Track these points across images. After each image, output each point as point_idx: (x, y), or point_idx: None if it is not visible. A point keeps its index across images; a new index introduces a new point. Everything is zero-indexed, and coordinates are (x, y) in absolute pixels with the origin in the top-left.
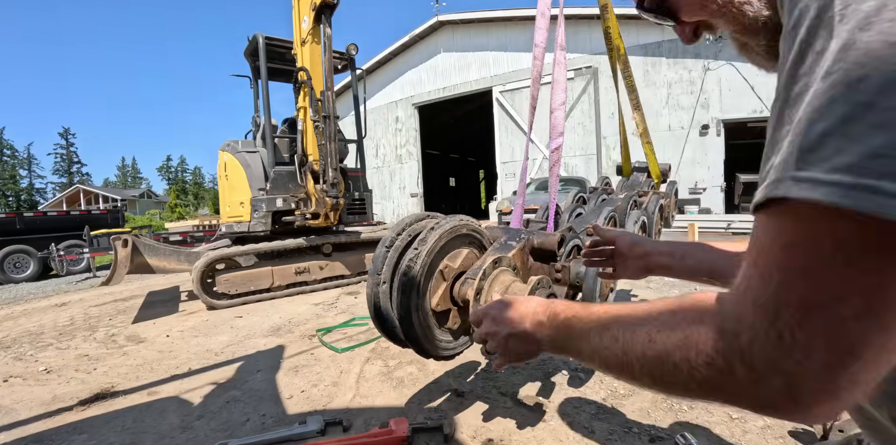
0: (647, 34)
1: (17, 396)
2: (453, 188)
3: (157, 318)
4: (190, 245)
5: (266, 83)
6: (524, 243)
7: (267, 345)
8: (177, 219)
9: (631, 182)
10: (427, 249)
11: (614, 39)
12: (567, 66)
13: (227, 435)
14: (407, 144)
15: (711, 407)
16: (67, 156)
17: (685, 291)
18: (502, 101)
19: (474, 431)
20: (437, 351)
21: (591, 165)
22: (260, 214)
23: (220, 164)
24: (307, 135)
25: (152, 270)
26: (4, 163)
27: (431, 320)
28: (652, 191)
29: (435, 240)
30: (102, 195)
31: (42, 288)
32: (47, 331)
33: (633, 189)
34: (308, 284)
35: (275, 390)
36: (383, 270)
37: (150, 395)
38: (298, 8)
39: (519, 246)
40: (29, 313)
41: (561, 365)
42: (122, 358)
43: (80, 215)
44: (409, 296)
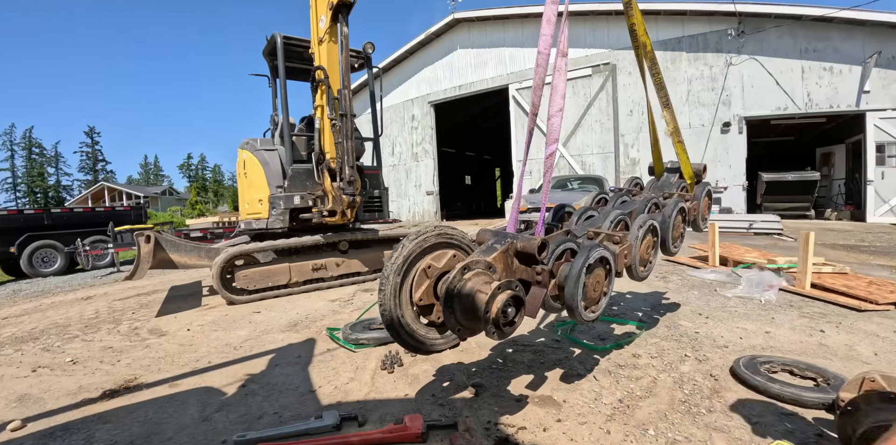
0: (667, 30)
1: (44, 386)
2: (469, 186)
3: (178, 312)
4: (210, 241)
5: (284, 82)
6: (508, 246)
7: (284, 340)
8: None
9: (661, 183)
10: (405, 253)
11: (640, 36)
12: (567, 72)
13: (245, 428)
14: (423, 142)
15: (730, 410)
16: (93, 154)
17: (704, 292)
18: (518, 99)
19: (487, 429)
20: (422, 346)
21: (609, 163)
22: (278, 211)
23: (239, 162)
24: (324, 133)
25: (174, 265)
26: (33, 160)
27: (409, 311)
28: (678, 192)
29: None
30: (126, 192)
31: (68, 282)
32: (73, 324)
33: (663, 190)
34: (325, 281)
35: (292, 384)
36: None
37: (171, 387)
38: (316, 7)
39: (502, 249)
40: (56, 306)
41: (576, 365)
42: (144, 350)
43: (105, 212)
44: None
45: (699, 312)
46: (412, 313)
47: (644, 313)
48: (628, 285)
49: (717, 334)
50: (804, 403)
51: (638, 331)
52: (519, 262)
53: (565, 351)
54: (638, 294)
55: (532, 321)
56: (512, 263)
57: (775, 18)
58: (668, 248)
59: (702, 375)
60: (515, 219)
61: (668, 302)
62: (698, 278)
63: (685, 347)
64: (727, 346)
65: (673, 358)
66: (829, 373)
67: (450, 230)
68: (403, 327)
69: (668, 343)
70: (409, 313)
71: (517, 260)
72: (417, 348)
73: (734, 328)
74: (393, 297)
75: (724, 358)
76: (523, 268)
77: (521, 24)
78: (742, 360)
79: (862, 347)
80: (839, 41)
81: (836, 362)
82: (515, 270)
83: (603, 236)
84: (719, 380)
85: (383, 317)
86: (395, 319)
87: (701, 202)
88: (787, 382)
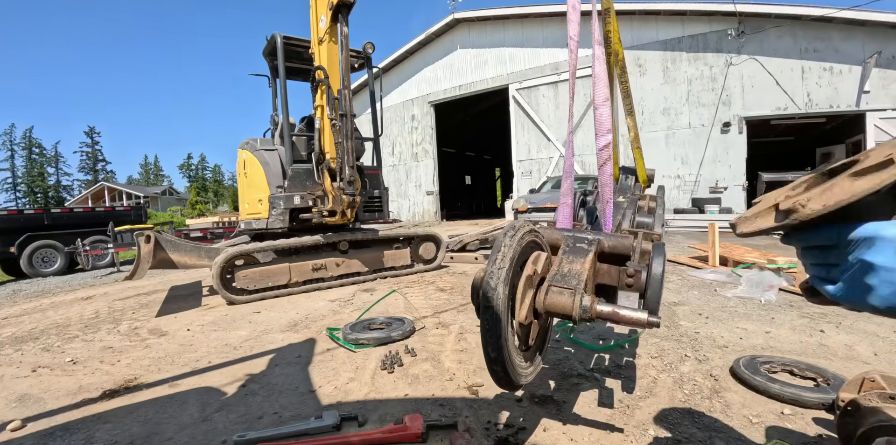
0: (667, 30)
1: (44, 386)
2: (469, 186)
3: (178, 312)
4: (210, 241)
5: (284, 82)
6: (596, 246)
7: (284, 340)
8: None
9: (621, 185)
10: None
11: (614, 44)
12: (605, 61)
13: (245, 428)
14: (423, 142)
15: (730, 410)
16: (93, 154)
17: (704, 292)
18: (518, 99)
19: (487, 429)
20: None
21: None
22: (278, 211)
23: (239, 162)
24: (324, 133)
25: (174, 265)
26: (33, 160)
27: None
28: (649, 197)
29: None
30: (126, 192)
31: (69, 282)
32: (73, 324)
33: (625, 192)
34: (325, 281)
35: (292, 384)
36: None
37: (171, 387)
38: (316, 7)
39: (594, 250)
40: (56, 306)
41: (577, 365)
42: (144, 350)
43: (105, 212)
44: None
45: (699, 312)
46: (514, 339)
47: None
48: None
49: (717, 334)
50: (804, 403)
51: (638, 332)
52: (600, 263)
53: (565, 351)
54: None
55: None
56: (595, 264)
57: (775, 18)
58: None
59: (702, 375)
60: (570, 215)
61: (668, 302)
62: (698, 278)
63: (685, 347)
64: (727, 346)
65: (673, 358)
66: (829, 373)
67: (534, 225)
68: (510, 358)
69: (668, 343)
70: (511, 339)
71: (598, 261)
72: (514, 383)
73: (734, 328)
74: (501, 319)
75: (724, 359)
76: (606, 270)
77: (521, 24)
78: (742, 360)
79: (862, 347)
80: (839, 41)
81: (836, 362)
82: (598, 271)
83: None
84: (719, 380)
85: (489, 348)
86: (504, 349)
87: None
88: (787, 382)
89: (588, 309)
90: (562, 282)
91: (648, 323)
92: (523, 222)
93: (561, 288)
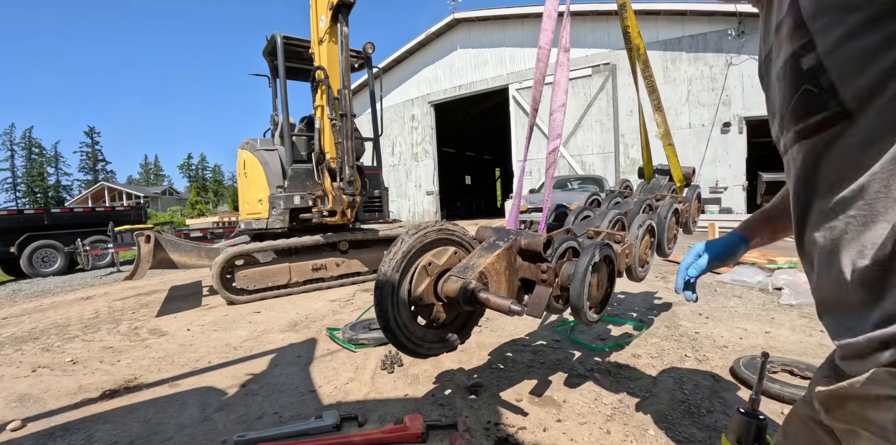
0: (667, 30)
1: (44, 386)
2: (469, 186)
3: (178, 312)
4: (210, 241)
5: (284, 82)
6: (511, 243)
7: (284, 340)
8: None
9: (651, 185)
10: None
11: (634, 39)
12: (569, 68)
13: (245, 428)
14: (423, 142)
15: (730, 411)
16: (93, 154)
17: (704, 292)
18: (518, 99)
19: (487, 429)
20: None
21: (609, 163)
22: (278, 211)
23: (239, 162)
24: (324, 133)
25: (174, 265)
26: (33, 160)
27: (406, 311)
28: (670, 194)
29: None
30: (126, 192)
31: (68, 282)
32: (73, 324)
33: (653, 192)
34: (325, 281)
35: (291, 384)
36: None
37: (171, 387)
38: (316, 7)
39: (505, 246)
40: (56, 306)
41: (576, 365)
42: (144, 350)
43: (105, 212)
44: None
45: (699, 312)
46: (409, 313)
47: (644, 313)
48: (629, 286)
49: (717, 334)
50: None
51: (637, 332)
52: (522, 260)
53: (565, 352)
54: (638, 294)
55: (533, 321)
56: (515, 261)
57: None
58: (663, 249)
59: (702, 375)
60: (516, 216)
61: (667, 302)
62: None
63: (685, 347)
64: (727, 346)
65: (673, 358)
66: None
67: (450, 225)
68: (401, 328)
69: (668, 343)
70: (407, 313)
71: (520, 258)
72: (415, 351)
73: (734, 328)
74: (390, 295)
75: (724, 359)
76: (526, 266)
77: (521, 24)
78: (742, 360)
79: None
80: None
81: None
82: (518, 268)
83: (604, 235)
84: (719, 380)
85: (379, 318)
86: (392, 319)
87: (692, 204)
88: (787, 382)
89: (469, 293)
90: (461, 272)
91: (510, 311)
92: (431, 223)
93: (456, 277)
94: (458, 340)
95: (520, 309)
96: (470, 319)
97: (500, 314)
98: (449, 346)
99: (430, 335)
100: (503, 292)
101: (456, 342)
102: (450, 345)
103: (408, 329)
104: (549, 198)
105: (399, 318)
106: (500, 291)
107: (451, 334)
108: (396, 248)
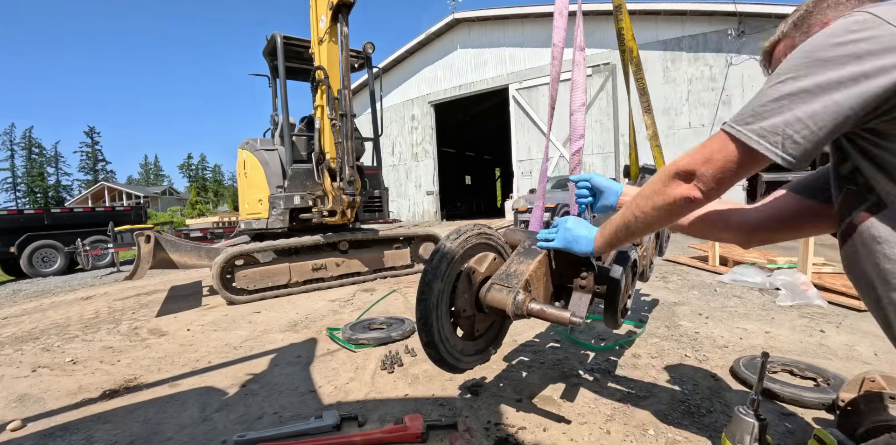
0: (667, 30)
1: (44, 386)
2: (469, 186)
3: (178, 312)
4: (210, 241)
5: (284, 82)
6: (549, 248)
7: (284, 340)
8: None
9: (639, 185)
10: (448, 256)
11: (627, 41)
12: (585, 66)
13: (245, 428)
14: (423, 142)
15: (730, 411)
16: (93, 154)
17: (704, 292)
18: (518, 99)
19: (487, 429)
20: (460, 363)
21: (609, 163)
22: (278, 211)
23: (239, 162)
24: (324, 133)
25: (174, 265)
26: (33, 160)
27: (448, 324)
28: None
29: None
30: (126, 192)
31: (69, 282)
32: (73, 324)
33: None
34: (325, 281)
35: (291, 384)
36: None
37: (171, 387)
38: (316, 7)
39: (545, 251)
40: (56, 306)
41: (577, 365)
42: (144, 350)
43: (105, 212)
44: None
45: (699, 312)
46: (451, 325)
47: (644, 313)
48: None
49: (717, 334)
50: (804, 403)
51: (638, 331)
52: (557, 265)
53: (565, 352)
54: (638, 294)
55: (534, 321)
56: (552, 266)
57: (775, 18)
58: (661, 250)
59: (702, 375)
60: (541, 217)
61: (667, 302)
62: (698, 279)
63: (685, 347)
64: (727, 346)
65: (673, 358)
66: (829, 373)
67: (487, 229)
68: (444, 342)
69: (668, 343)
70: (449, 326)
71: (556, 263)
72: (455, 366)
73: (734, 328)
74: (436, 308)
75: (724, 359)
76: (563, 272)
77: (521, 24)
78: (742, 360)
79: (862, 347)
80: None
81: (836, 362)
82: (554, 274)
83: None
84: (719, 380)
85: (423, 332)
86: (437, 334)
87: None
88: (787, 382)
89: (521, 305)
90: (505, 281)
91: (570, 322)
92: (470, 226)
93: (501, 286)
94: (493, 351)
95: (580, 320)
96: (503, 328)
97: None
98: (485, 358)
99: (468, 347)
100: (541, 298)
101: (491, 353)
102: (485, 357)
103: (450, 342)
104: (574, 200)
105: (442, 332)
106: (539, 298)
107: (486, 345)
108: (439, 255)
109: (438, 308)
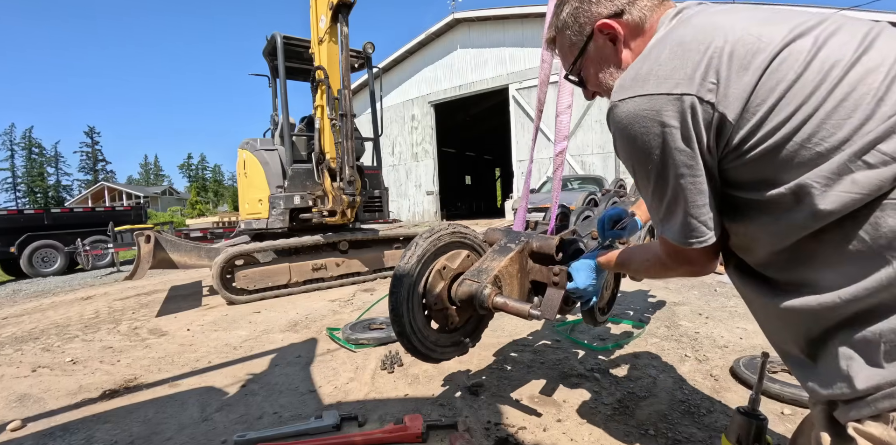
0: None
1: (44, 386)
2: (469, 186)
3: (178, 312)
4: (210, 241)
5: (284, 82)
6: (523, 246)
7: (284, 340)
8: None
9: (633, 187)
10: (419, 253)
11: None
12: None
13: (245, 428)
14: (423, 142)
15: (730, 411)
16: (93, 154)
17: (704, 292)
18: (518, 99)
19: (487, 429)
20: (433, 353)
21: (609, 163)
22: (278, 211)
23: (239, 162)
24: (324, 133)
25: (174, 265)
26: (33, 160)
27: (421, 315)
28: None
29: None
30: (126, 192)
31: (69, 282)
32: (73, 324)
33: (631, 195)
34: (325, 281)
35: (291, 384)
36: None
37: (171, 387)
38: (316, 7)
39: (517, 248)
40: (56, 306)
41: (577, 365)
42: (144, 350)
43: (105, 212)
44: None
45: (699, 312)
46: (423, 317)
47: (644, 313)
48: (627, 285)
49: (717, 334)
50: (804, 403)
51: (638, 331)
52: (533, 262)
53: (565, 352)
54: (637, 294)
55: (534, 321)
56: (526, 263)
57: None
58: None
59: (702, 375)
60: (523, 218)
61: (667, 302)
62: (698, 279)
63: (685, 347)
64: (727, 346)
65: (673, 358)
66: None
67: (463, 228)
68: (416, 333)
69: (668, 343)
70: (422, 318)
71: (531, 260)
72: (428, 355)
73: (734, 328)
74: (406, 300)
75: (724, 358)
76: (538, 268)
77: (521, 24)
78: (742, 360)
79: None
80: None
81: None
82: (529, 270)
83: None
84: (719, 380)
85: (395, 323)
86: (408, 325)
87: None
88: (787, 382)
89: (485, 299)
90: (476, 276)
91: (529, 315)
92: (445, 225)
93: (471, 281)
94: (471, 343)
95: (539, 313)
96: (481, 322)
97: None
98: (461, 350)
99: (444, 339)
100: (515, 294)
101: (468, 345)
102: (462, 349)
103: (422, 333)
104: (557, 200)
105: (414, 323)
106: (513, 294)
107: (463, 337)
108: (411, 252)
109: (409, 300)
